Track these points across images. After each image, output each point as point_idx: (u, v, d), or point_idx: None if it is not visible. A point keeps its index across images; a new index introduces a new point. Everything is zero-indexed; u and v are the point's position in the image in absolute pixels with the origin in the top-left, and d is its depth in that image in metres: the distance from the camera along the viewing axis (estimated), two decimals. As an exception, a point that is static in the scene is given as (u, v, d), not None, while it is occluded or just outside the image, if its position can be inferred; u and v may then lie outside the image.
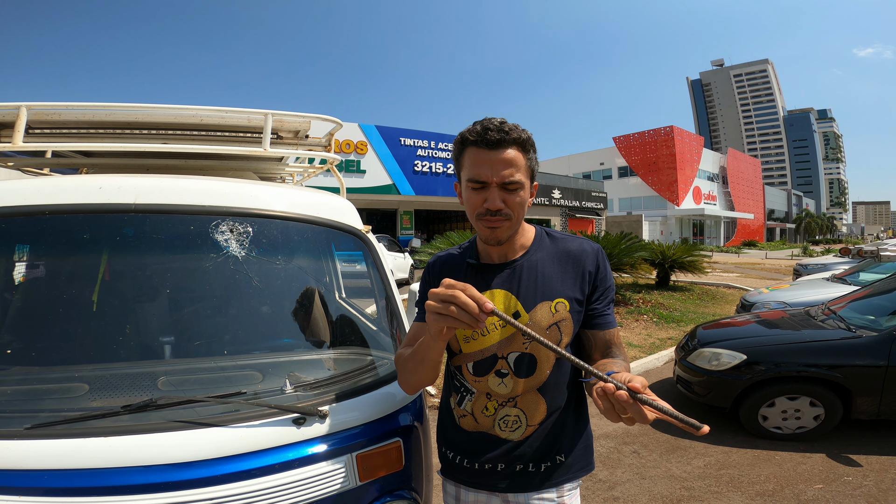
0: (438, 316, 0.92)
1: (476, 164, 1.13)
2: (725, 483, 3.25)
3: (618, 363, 1.14)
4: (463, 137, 1.16)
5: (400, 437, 1.42)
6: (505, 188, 1.14)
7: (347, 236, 1.75)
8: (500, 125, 1.11)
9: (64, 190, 1.43)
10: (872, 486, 3.13)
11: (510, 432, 1.24)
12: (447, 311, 0.91)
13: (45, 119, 1.78)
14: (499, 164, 1.11)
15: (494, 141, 1.11)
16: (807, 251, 34.20)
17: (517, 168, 1.13)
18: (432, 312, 0.93)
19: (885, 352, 3.65)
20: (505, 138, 1.11)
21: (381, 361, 1.61)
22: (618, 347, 1.26)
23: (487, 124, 1.12)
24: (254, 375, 1.42)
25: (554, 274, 1.23)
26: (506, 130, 1.11)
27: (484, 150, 1.12)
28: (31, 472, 1.08)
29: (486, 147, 1.12)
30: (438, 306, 0.92)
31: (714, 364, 4.09)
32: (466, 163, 1.16)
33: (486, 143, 1.11)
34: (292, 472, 1.21)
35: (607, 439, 3.98)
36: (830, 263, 11.75)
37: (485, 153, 1.12)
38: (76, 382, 1.31)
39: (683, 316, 8.82)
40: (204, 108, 1.83)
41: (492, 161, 1.12)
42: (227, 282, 1.51)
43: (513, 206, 1.15)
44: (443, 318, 0.92)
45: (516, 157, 1.13)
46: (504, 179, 1.12)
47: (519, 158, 1.14)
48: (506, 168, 1.12)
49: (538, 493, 1.27)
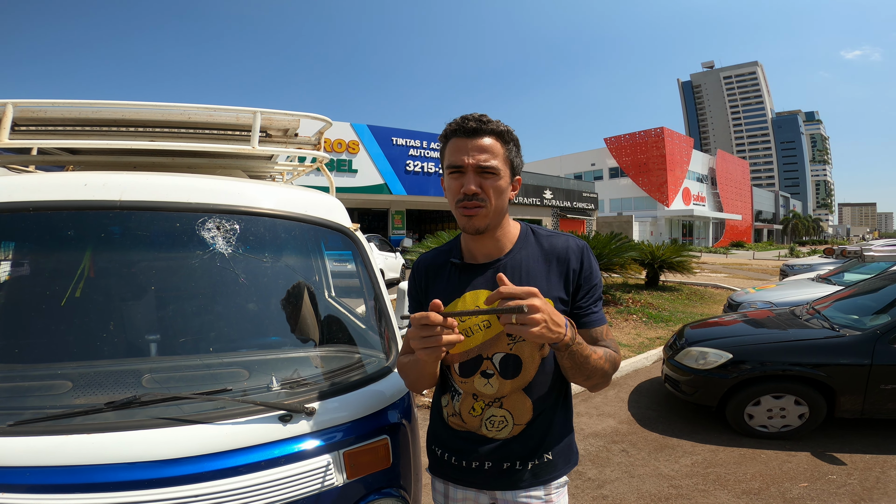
0: (428, 350, 1.02)
1: (454, 152, 1.18)
2: (712, 481, 3.28)
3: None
4: (445, 131, 1.21)
5: (387, 435, 1.42)
6: (481, 173, 1.16)
7: (336, 234, 1.75)
8: (478, 116, 1.17)
9: (49, 186, 1.41)
10: (856, 485, 3.18)
11: (497, 432, 1.25)
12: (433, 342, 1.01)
13: (32, 116, 1.76)
14: (475, 150, 1.16)
15: (472, 129, 1.16)
16: (793, 252, 34.58)
17: (493, 155, 1.17)
18: (421, 349, 1.03)
19: (868, 351, 3.70)
20: (482, 127, 1.16)
21: (369, 359, 1.61)
22: (607, 342, 1.25)
23: (467, 115, 1.18)
24: (240, 373, 1.41)
25: (539, 273, 1.23)
26: (483, 121, 1.17)
27: (462, 139, 1.17)
28: (13, 469, 1.07)
29: (464, 135, 1.17)
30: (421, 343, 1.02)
31: (701, 363, 4.13)
32: (447, 153, 1.21)
33: (463, 132, 1.17)
34: (279, 469, 1.21)
35: (596, 438, 4.01)
36: (816, 264, 11.91)
37: (463, 140, 1.17)
38: (59, 380, 1.30)
39: (672, 315, 8.90)
40: (192, 106, 1.81)
41: (468, 147, 1.16)
42: (214, 279, 1.50)
43: (489, 191, 1.17)
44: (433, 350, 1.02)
45: (493, 145, 1.17)
46: (479, 163, 1.16)
47: (496, 146, 1.18)
48: (481, 153, 1.16)
49: (526, 492, 1.28)
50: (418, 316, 1.01)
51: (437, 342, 1.00)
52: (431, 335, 1.01)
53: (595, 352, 1.16)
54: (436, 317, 1.00)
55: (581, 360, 1.12)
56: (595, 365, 1.15)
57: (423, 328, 1.01)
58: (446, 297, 1.27)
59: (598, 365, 1.16)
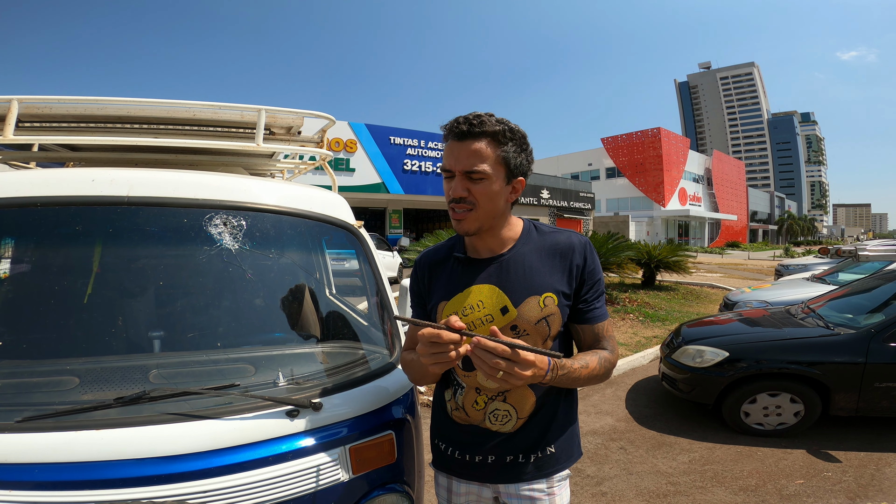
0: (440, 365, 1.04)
1: (446, 155, 1.19)
2: (710, 478, 3.31)
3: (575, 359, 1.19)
4: (444, 132, 1.22)
5: (392, 430, 1.43)
6: (468, 177, 1.17)
7: (339, 231, 1.76)
8: (471, 118, 1.16)
9: (56, 182, 1.42)
10: (852, 482, 3.22)
11: (500, 425, 1.26)
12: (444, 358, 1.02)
13: (36, 112, 1.76)
14: (463, 154, 1.16)
15: (462, 132, 1.16)
16: (788, 252, 34.77)
17: (482, 159, 1.16)
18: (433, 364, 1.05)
19: (862, 349, 3.74)
20: (472, 130, 1.15)
21: (373, 355, 1.62)
22: (607, 340, 1.28)
23: (460, 118, 1.17)
24: (246, 368, 1.42)
25: (542, 267, 1.24)
26: (474, 123, 1.15)
27: (454, 142, 1.18)
28: (22, 466, 1.07)
29: (455, 139, 1.17)
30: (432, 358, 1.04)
31: (698, 361, 4.16)
32: (443, 155, 1.22)
33: (455, 135, 1.17)
34: (286, 465, 1.22)
35: (595, 435, 4.03)
36: (811, 264, 11.96)
37: (455, 144, 1.18)
38: (66, 376, 1.30)
39: (668, 315, 8.95)
40: (197, 103, 1.82)
41: (457, 152, 1.17)
42: (220, 275, 1.51)
43: (477, 195, 1.18)
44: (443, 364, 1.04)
45: (481, 149, 1.16)
46: (465, 168, 1.16)
47: (485, 150, 1.16)
48: (469, 158, 1.16)
49: (528, 485, 1.29)
50: (428, 334, 1.02)
51: (448, 358, 1.02)
52: (443, 351, 1.02)
53: (587, 366, 1.18)
54: (448, 335, 1.00)
55: (568, 382, 1.16)
56: (586, 380, 1.19)
57: (433, 345, 1.02)
58: (449, 291, 1.28)
59: (589, 378, 1.20)
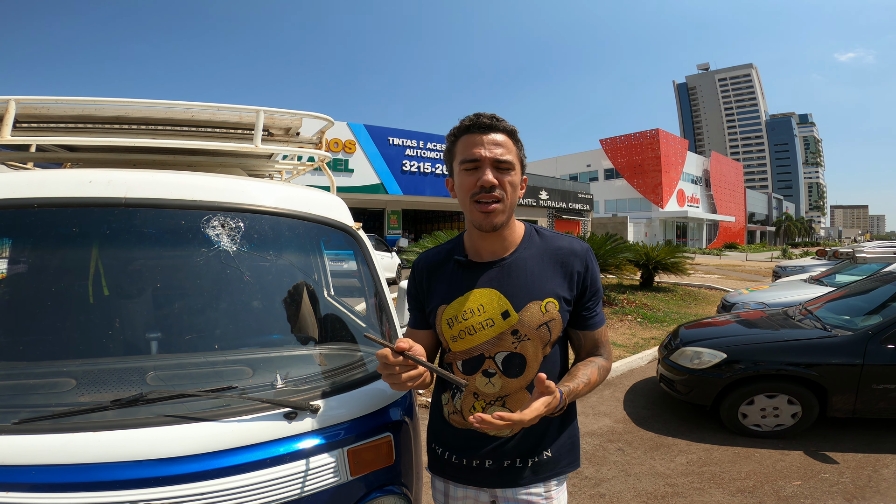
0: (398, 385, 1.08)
1: (469, 146, 1.19)
2: (707, 480, 3.32)
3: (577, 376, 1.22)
4: (456, 129, 1.22)
5: (390, 433, 1.43)
6: (497, 166, 1.18)
7: (338, 233, 1.76)
8: (490, 115, 1.19)
9: (53, 183, 1.41)
10: (849, 483, 3.22)
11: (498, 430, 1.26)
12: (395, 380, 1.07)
13: (34, 113, 1.75)
14: (491, 144, 1.17)
15: (486, 125, 1.18)
16: (786, 254, 34.83)
17: (508, 150, 1.19)
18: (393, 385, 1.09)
19: (860, 351, 3.75)
20: (496, 124, 1.18)
21: (371, 357, 1.62)
22: (604, 345, 1.31)
23: (480, 113, 1.20)
24: (244, 370, 1.41)
25: (543, 272, 1.24)
26: (497, 118, 1.19)
27: (477, 134, 1.18)
28: (19, 468, 1.07)
29: (479, 131, 1.18)
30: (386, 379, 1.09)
31: (695, 363, 4.16)
32: (459, 149, 1.21)
33: (478, 128, 1.18)
34: (284, 467, 1.22)
35: (593, 437, 4.03)
36: (808, 265, 12.00)
37: (478, 136, 1.18)
38: (63, 377, 1.29)
39: (666, 316, 8.95)
40: (195, 104, 1.81)
41: (485, 141, 1.17)
42: (218, 276, 1.50)
43: (506, 185, 1.19)
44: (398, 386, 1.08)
45: (507, 141, 1.20)
46: (497, 156, 1.17)
47: (509, 142, 1.20)
48: (498, 147, 1.18)
49: (525, 489, 1.29)
50: (379, 354, 1.06)
51: (399, 380, 1.06)
52: (392, 373, 1.05)
53: (589, 382, 1.22)
54: (392, 358, 1.04)
55: (574, 397, 1.20)
56: (587, 393, 1.24)
57: (385, 366, 1.06)
58: (449, 294, 1.28)
59: (590, 390, 1.24)
